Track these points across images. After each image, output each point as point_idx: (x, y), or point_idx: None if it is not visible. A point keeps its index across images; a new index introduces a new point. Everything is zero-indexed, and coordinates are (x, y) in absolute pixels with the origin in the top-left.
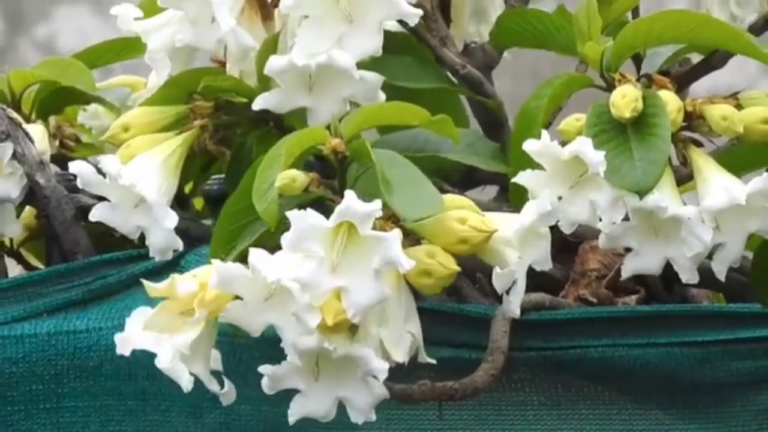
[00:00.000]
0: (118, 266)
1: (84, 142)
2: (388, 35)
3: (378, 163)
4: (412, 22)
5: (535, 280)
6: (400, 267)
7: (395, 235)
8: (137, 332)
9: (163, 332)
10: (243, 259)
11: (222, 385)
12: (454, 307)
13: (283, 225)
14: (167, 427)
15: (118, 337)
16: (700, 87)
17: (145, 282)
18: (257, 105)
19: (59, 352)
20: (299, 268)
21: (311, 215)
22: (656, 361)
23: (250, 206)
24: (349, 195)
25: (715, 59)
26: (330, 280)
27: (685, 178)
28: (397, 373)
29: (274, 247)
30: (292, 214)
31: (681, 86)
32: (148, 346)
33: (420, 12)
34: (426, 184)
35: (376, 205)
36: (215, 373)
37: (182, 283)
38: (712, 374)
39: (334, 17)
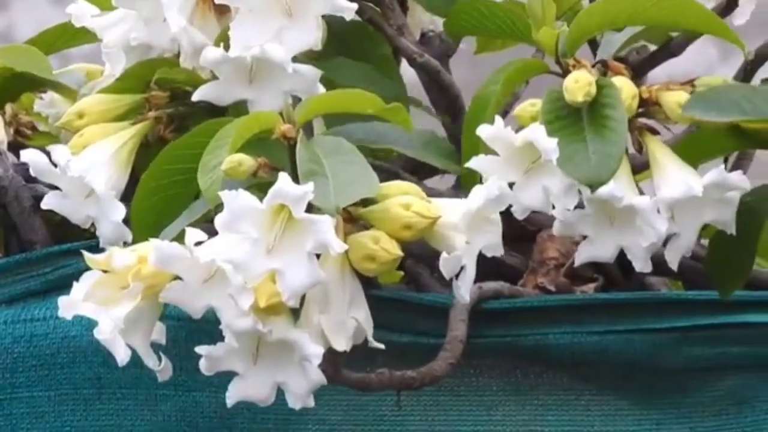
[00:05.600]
0: (77, 256)
1: (40, 131)
2: (346, 24)
3: (316, 149)
4: (348, 16)
5: (494, 268)
6: (331, 250)
7: (327, 218)
8: (81, 299)
9: (101, 305)
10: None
11: (160, 360)
12: (412, 296)
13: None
14: (122, 416)
15: (62, 300)
16: (658, 75)
17: (84, 253)
18: (196, 96)
19: (16, 340)
20: (233, 249)
21: (244, 196)
22: (615, 348)
23: (163, 185)
24: (283, 177)
25: (672, 46)
26: (264, 262)
27: (641, 165)
28: (356, 358)
29: None
30: (225, 195)
31: (639, 74)
32: (89, 312)
33: (354, 6)
34: (363, 172)
35: (308, 188)
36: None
37: (120, 256)
38: (670, 361)
39: (273, 10)
